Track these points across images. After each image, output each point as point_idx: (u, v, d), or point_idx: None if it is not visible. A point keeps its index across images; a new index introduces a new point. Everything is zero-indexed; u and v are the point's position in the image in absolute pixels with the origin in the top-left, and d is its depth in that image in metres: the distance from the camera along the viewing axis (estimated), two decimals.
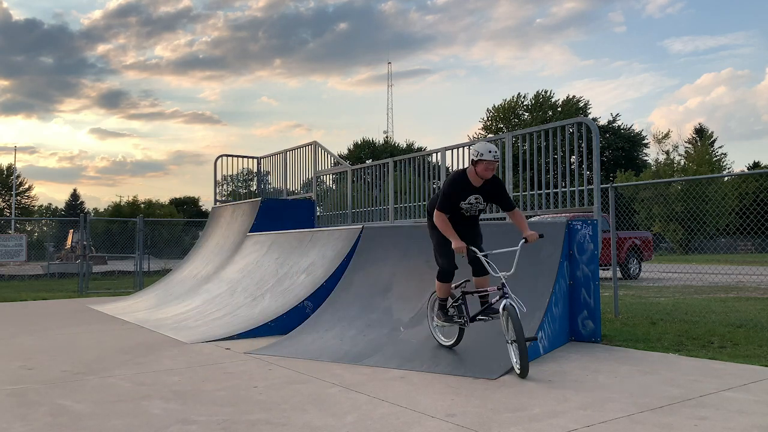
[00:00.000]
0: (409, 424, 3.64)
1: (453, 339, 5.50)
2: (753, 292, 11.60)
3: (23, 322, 8.81)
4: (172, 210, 54.18)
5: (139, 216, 16.23)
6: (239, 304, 8.38)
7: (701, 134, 50.56)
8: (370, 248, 7.70)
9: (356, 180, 11.34)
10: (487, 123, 57.52)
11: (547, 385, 4.53)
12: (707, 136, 49.21)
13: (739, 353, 5.68)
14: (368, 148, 58.38)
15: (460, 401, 4.14)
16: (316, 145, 12.38)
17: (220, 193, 14.60)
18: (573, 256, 6.37)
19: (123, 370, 5.34)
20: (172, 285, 11.30)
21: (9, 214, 56.65)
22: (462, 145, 9.00)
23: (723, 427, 3.51)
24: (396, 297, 6.77)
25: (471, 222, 5.50)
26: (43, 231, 33.85)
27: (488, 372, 4.87)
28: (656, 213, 31.45)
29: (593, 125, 6.99)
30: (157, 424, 3.72)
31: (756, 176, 30.47)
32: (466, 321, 5.29)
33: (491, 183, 5.34)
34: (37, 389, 4.65)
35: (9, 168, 60.75)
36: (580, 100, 56.00)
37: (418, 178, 9.75)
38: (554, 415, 3.79)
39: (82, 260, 14.67)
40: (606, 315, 7.81)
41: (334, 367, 5.34)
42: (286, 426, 3.65)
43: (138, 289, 13.49)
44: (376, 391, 4.47)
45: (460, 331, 5.44)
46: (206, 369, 5.36)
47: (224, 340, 6.79)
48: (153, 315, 9.08)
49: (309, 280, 7.88)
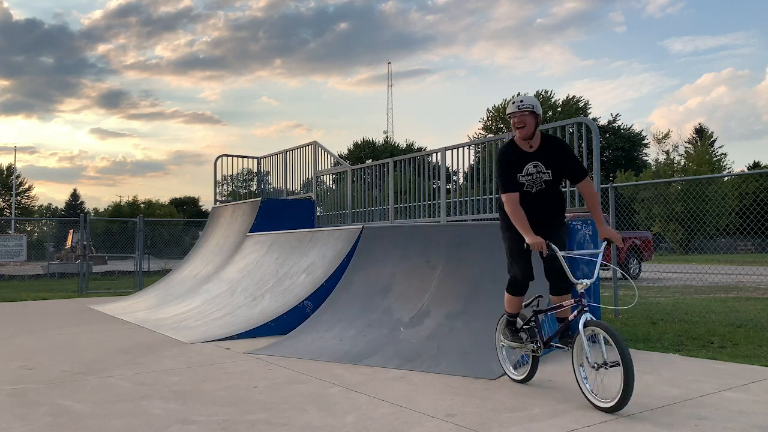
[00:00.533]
0: (409, 424, 3.64)
1: (525, 370, 4.53)
2: (753, 292, 11.60)
3: (23, 322, 8.81)
4: (172, 210, 54.19)
5: (139, 216, 16.23)
6: (239, 304, 8.38)
7: (701, 134, 50.58)
8: (370, 248, 7.70)
9: (356, 180, 11.34)
10: (487, 123, 57.52)
11: (547, 385, 4.52)
12: (707, 136, 49.22)
13: (739, 353, 5.68)
14: (368, 148, 58.38)
15: (460, 401, 4.14)
16: (316, 145, 12.37)
17: (220, 193, 14.59)
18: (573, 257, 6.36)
19: (123, 370, 5.34)
20: (172, 285, 11.30)
21: (9, 214, 56.64)
22: (462, 145, 9.00)
23: (723, 427, 3.51)
24: (396, 297, 6.76)
25: (544, 206, 4.42)
26: (43, 231, 33.84)
27: (488, 372, 4.87)
28: (656, 213, 31.46)
29: (593, 125, 6.99)
30: (157, 424, 3.72)
31: (756, 176, 30.48)
32: (540, 346, 4.33)
33: (549, 144, 4.38)
34: (37, 389, 4.64)
35: (9, 168, 60.79)
36: (580, 100, 56.03)
37: (418, 178, 9.75)
38: (554, 415, 3.79)
39: (82, 260, 14.67)
40: (606, 315, 7.81)
41: (334, 367, 5.34)
42: (286, 426, 3.65)
43: (138, 289, 13.49)
44: (376, 391, 4.47)
45: (533, 360, 4.45)
46: (206, 369, 5.36)
47: (224, 340, 6.79)
48: (153, 315, 9.08)
49: (309, 280, 7.88)
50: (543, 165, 4.34)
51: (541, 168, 4.34)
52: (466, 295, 6.18)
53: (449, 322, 5.92)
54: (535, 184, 4.37)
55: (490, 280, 6.20)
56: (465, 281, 6.34)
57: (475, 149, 10.54)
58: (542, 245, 4.01)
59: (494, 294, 6.01)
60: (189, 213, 54.79)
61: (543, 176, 4.35)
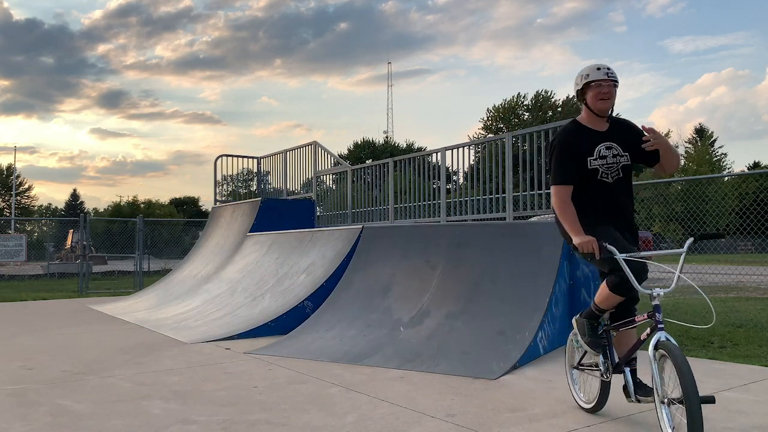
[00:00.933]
0: (409, 424, 3.64)
1: (594, 397, 3.77)
2: (753, 292, 11.60)
3: (23, 322, 8.81)
4: (172, 210, 54.21)
5: (139, 216, 16.23)
6: (239, 304, 8.38)
7: (701, 134, 50.59)
8: (370, 248, 7.70)
9: (356, 180, 11.34)
10: (487, 123, 57.55)
11: (547, 385, 4.52)
12: (707, 136, 49.24)
13: (739, 353, 5.68)
14: (368, 148, 58.35)
15: (460, 401, 4.14)
16: (316, 145, 12.38)
17: (220, 193, 14.60)
18: (573, 256, 6.36)
19: (123, 370, 5.34)
20: (172, 285, 11.30)
21: (9, 214, 56.64)
22: (462, 145, 9.00)
23: (723, 427, 3.51)
24: (396, 297, 6.76)
25: (624, 201, 3.66)
26: (43, 231, 33.85)
27: (488, 372, 4.87)
28: (656, 213, 31.44)
29: None
30: (157, 424, 3.72)
31: (756, 176, 30.47)
32: (609, 368, 3.55)
33: (618, 123, 3.67)
34: (37, 389, 4.64)
35: (9, 168, 60.82)
36: None
37: (418, 178, 9.75)
38: (554, 415, 3.79)
39: (82, 260, 14.66)
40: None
41: (334, 367, 5.33)
42: (286, 426, 3.65)
43: (138, 289, 13.49)
44: (376, 391, 4.46)
45: (603, 387, 3.66)
46: (206, 369, 5.36)
47: (224, 340, 6.79)
48: (153, 315, 9.08)
49: (309, 280, 7.88)
50: (619, 146, 3.58)
51: (617, 150, 3.57)
52: (466, 295, 6.18)
53: (449, 322, 5.92)
54: (611, 171, 3.57)
55: (490, 280, 6.20)
56: (465, 281, 6.34)
57: (475, 149, 10.55)
58: (593, 244, 3.29)
59: (494, 294, 6.02)
60: (189, 213, 54.79)
61: (621, 160, 3.57)
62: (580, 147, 3.56)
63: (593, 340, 3.63)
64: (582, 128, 3.63)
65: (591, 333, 3.65)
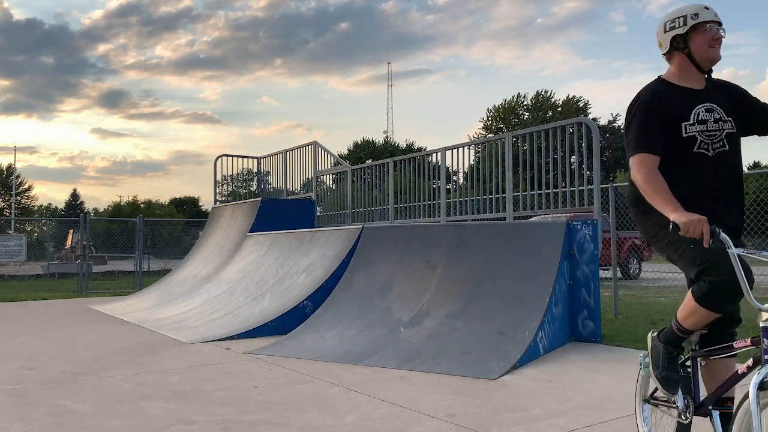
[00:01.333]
0: (409, 424, 3.64)
1: None
2: (753, 292, 11.59)
3: (23, 322, 8.81)
4: (172, 210, 54.20)
5: (139, 216, 16.24)
6: (239, 304, 8.38)
7: None
8: (370, 248, 7.70)
9: (356, 180, 11.35)
10: (487, 123, 57.56)
11: (547, 385, 4.52)
12: None
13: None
14: (368, 148, 58.35)
15: (460, 401, 4.14)
16: (316, 145, 12.38)
17: (220, 193, 14.61)
18: (573, 256, 6.37)
19: (123, 370, 5.34)
20: (172, 285, 11.31)
21: (9, 214, 56.64)
22: (462, 145, 9.00)
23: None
24: (396, 297, 6.76)
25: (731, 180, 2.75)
26: (43, 231, 33.84)
27: (488, 372, 4.87)
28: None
29: (593, 125, 7.00)
30: (157, 424, 3.72)
31: (756, 176, 30.41)
32: (690, 406, 2.66)
33: (718, 83, 2.84)
34: (37, 389, 4.64)
35: (9, 168, 60.81)
36: (580, 100, 56.02)
37: (418, 178, 9.76)
38: (554, 415, 3.79)
39: (82, 260, 14.67)
40: (606, 315, 7.80)
41: (334, 367, 5.34)
42: (286, 426, 3.65)
43: (138, 289, 13.49)
44: (376, 391, 4.47)
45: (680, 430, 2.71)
46: (206, 369, 5.36)
47: (224, 340, 6.79)
48: (153, 315, 9.08)
49: (309, 280, 7.88)
50: (722, 110, 2.74)
51: (719, 114, 2.72)
52: (466, 295, 6.18)
53: (449, 322, 5.92)
54: (713, 140, 2.70)
55: (490, 280, 6.21)
56: (465, 281, 6.35)
57: (475, 149, 10.55)
58: (703, 225, 2.34)
59: (494, 294, 6.02)
60: (189, 213, 54.76)
61: (725, 127, 2.72)
62: (672, 109, 2.69)
63: (667, 375, 2.71)
64: (672, 87, 2.77)
65: (667, 366, 2.73)
